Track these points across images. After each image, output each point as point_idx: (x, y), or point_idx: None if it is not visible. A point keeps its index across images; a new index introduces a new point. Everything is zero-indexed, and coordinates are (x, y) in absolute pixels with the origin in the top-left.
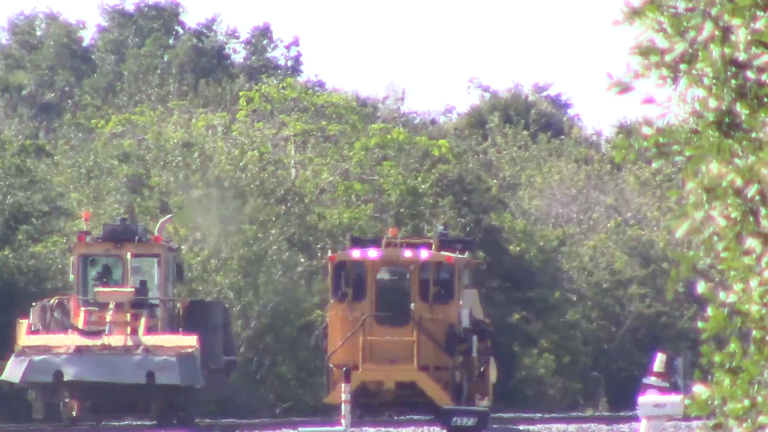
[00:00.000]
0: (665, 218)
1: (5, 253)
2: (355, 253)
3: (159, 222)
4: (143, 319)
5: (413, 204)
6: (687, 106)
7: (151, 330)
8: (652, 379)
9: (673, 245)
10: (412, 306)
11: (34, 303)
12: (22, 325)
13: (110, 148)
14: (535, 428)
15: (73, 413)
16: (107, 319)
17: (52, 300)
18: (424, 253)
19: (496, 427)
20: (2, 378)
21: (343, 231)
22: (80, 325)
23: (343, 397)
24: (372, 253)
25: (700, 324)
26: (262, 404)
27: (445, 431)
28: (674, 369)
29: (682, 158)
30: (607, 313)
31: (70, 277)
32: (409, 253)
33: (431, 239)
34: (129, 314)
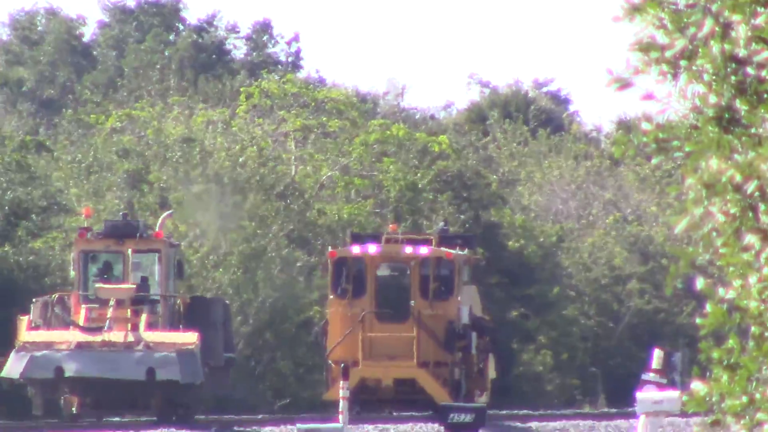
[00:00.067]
0: (664, 214)
1: (5, 249)
2: (355, 249)
3: (160, 218)
4: (144, 315)
5: (413, 200)
6: (687, 102)
7: (151, 326)
8: (651, 375)
9: (673, 241)
10: (411, 302)
11: (34, 299)
12: (23, 321)
13: (110, 143)
14: (534, 425)
15: (74, 409)
16: (108, 316)
17: (52, 296)
18: (424, 250)
19: (495, 423)
20: (3, 375)
21: (342, 227)
22: (81, 321)
23: (341, 394)
24: (372, 249)
25: (698, 320)
26: (261, 401)
27: (442, 428)
28: (672, 365)
29: (682, 154)
30: (606, 309)
31: (71, 273)
32: (409, 250)
33: (431, 235)
34: (130, 310)
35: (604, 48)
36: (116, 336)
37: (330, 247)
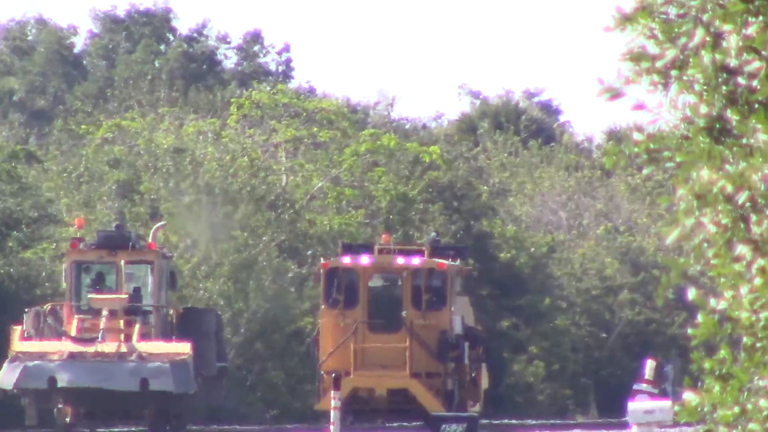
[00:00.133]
0: (656, 225)
1: None
2: (347, 259)
3: (152, 229)
4: (137, 325)
5: (403, 210)
6: (678, 112)
7: (144, 337)
8: (642, 385)
9: (664, 252)
10: (404, 313)
11: (27, 309)
12: (15, 331)
13: (101, 154)
14: None
15: (67, 420)
16: (101, 326)
17: (44, 306)
18: (416, 260)
19: None
20: None
21: (333, 237)
22: (73, 332)
23: (333, 404)
24: (364, 260)
25: (690, 330)
26: (252, 411)
27: None
28: (664, 376)
29: (673, 164)
30: (597, 320)
31: (63, 283)
32: (401, 260)
33: (423, 246)
34: (122, 321)
35: (595, 58)
36: (109, 346)
37: (322, 258)
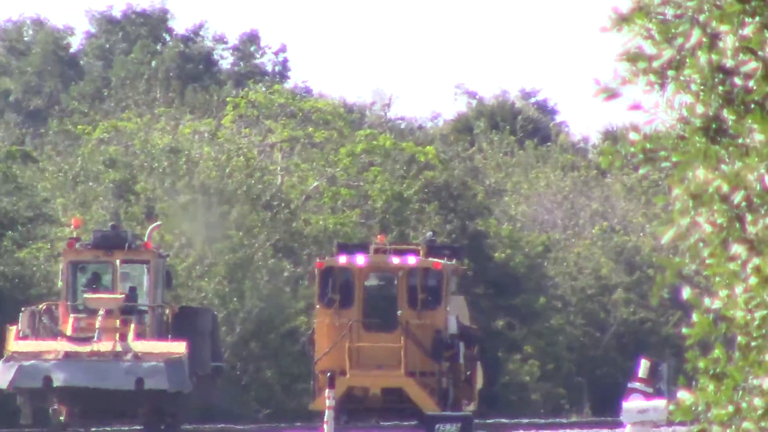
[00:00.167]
0: (651, 224)
1: None
2: (343, 259)
3: (148, 229)
4: (132, 325)
5: (399, 210)
6: (674, 113)
7: (140, 336)
8: (637, 384)
9: (659, 251)
10: (399, 312)
11: (22, 309)
12: (11, 331)
13: (97, 153)
14: None
15: (62, 419)
16: (96, 326)
17: (40, 306)
18: (411, 260)
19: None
20: None
21: (328, 237)
22: (68, 331)
23: (327, 403)
24: (359, 260)
25: (684, 330)
26: (247, 410)
27: None
28: (659, 375)
29: (669, 164)
30: (592, 319)
31: (59, 283)
32: (396, 260)
33: (419, 245)
34: (118, 320)
35: (591, 58)
36: (104, 346)
37: (317, 258)
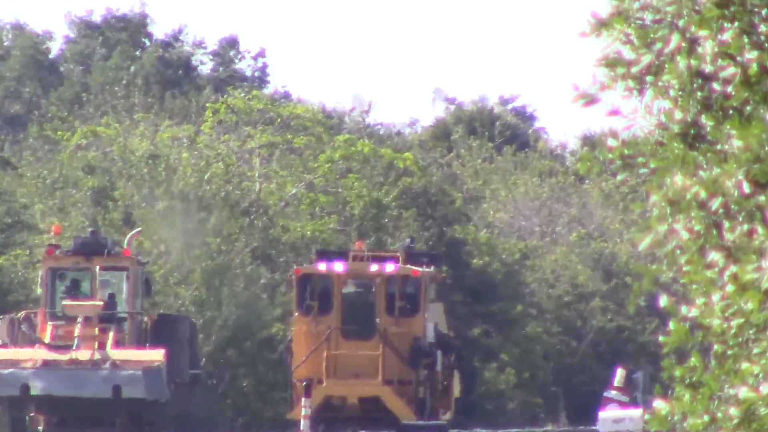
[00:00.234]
0: (629, 231)
1: None
2: (321, 266)
3: (128, 236)
4: (111, 333)
5: (377, 216)
6: (652, 118)
7: (118, 344)
8: (613, 393)
9: (636, 258)
10: (377, 320)
11: (1, 316)
12: None
13: (75, 160)
14: None
15: (40, 428)
16: (75, 333)
17: (19, 314)
18: (390, 267)
19: None
20: None
21: (306, 244)
22: (47, 339)
23: (303, 412)
24: (338, 267)
25: (661, 338)
26: (223, 418)
27: None
28: (634, 383)
29: (647, 170)
30: (569, 327)
31: (38, 290)
32: (375, 267)
33: (398, 252)
34: (97, 328)
35: (570, 64)
36: (83, 354)
37: (295, 264)
